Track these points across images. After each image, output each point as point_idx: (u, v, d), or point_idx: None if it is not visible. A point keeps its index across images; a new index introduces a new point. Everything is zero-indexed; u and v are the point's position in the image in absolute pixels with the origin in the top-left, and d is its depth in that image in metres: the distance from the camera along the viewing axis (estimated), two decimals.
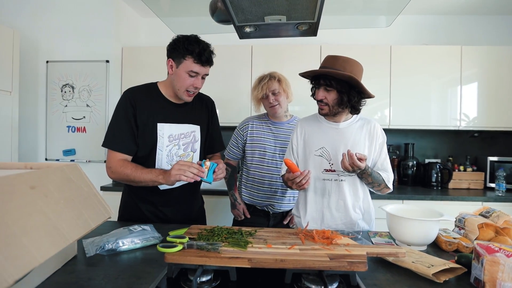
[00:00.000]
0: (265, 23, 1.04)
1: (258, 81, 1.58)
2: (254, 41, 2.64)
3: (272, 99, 1.54)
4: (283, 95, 1.57)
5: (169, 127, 1.26)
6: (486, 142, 2.77)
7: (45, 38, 2.55)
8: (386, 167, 1.27)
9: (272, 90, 1.54)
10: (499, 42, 2.71)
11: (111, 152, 1.22)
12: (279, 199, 1.62)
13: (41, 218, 0.61)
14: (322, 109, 1.25)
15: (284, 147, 1.59)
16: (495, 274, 0.70)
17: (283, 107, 1.58)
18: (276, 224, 1.65)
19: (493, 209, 1.11)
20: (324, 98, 1.22)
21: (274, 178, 1.61)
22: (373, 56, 2.45)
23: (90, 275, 0.79)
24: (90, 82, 2.52)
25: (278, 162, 1.61)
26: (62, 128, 2.55)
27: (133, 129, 1.23)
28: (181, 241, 0.82)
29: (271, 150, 1.61)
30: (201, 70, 1.21)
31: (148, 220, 1.29)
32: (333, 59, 1.20)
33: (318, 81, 1.22)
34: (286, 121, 1.64)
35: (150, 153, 1.25)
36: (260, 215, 1.66)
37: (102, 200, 0.85)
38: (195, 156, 1.35)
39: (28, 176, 0.66)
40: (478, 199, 2.20)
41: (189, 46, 1.17)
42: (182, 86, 1.22)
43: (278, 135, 1.62)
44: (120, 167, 1.18)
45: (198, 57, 1.17)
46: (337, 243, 0.87)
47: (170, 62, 1.23)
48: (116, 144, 1.22)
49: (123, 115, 1.23)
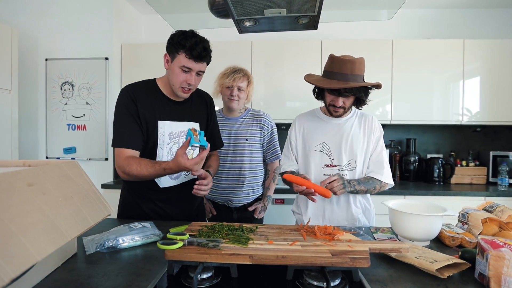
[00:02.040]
0: (265, 16, 1.02)
1: (232, 71, 1.61)
2: (254, 37, 2.61)
3: (235, 93, 1.58)
4: (245, 94, 1.63)
5: (169, 124, 1.25)
6: (489, 137, 2.75)
7: (44, 35, 2.54)
8: (380, 160, 1.26)
9: (239, 86, 1.58)
10: (501, 35, 2.67)
11: (118, 150, 1.17)
12: (237, 193, 1.64)
13: (39, 216, 0.61)
14: (337, 111, 1.25)
15: (242, 142, 1.62)
16: (500, 269, 0.69)
17: (240, 104, 1.63)
18: (240, 216, 1.67)
19: (497, 204, 1.10)
20: (343, 104, 1.23)
21: (230, 174, 1.64)
22: (374, 51, 2.42)
23: (90, 273, 0.79)
24: (90, 79, 2.51)
25: (234, 158, 1.64)
26: (62, 126, 2.54)
27: (138, 124, 1.19)
28: (181, 238, 0.81)
29: (227, 148, 1.63)
30: (194, 66, 1.16)
31: (148, 217, 1.29)
32: (340, 62, 1.18)
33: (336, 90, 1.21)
34: (240, 116, 1.68)
35: (151, 151, 1.24)
36: (223, 209, 1.69)
37: (101, 197, 0.84)
38: (194, 154, 1.34)
39: (25, 174, 0.65)
40: (481, 194, 2.18)
41: (183, 40, 1.13)
42: (176, 82, 1.20)
43: (231, 131, 1.65)
44: (128, 166, 1.13)
45: (190, 52, 1.13)
46: (339, 239, 0.86)
47: (166, 57, 1.21)
48: (123, 142, 1.18)
49: (126, 111, 1.19)
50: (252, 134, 1.63)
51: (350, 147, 1.24)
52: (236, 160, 1.63)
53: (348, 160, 1.24)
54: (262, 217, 1.73)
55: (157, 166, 1.12)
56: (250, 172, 1.65)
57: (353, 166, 1.24)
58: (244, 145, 1.62)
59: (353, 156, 1.24)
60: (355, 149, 1.24)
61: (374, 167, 1.25)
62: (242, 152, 1.62)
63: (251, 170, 1.65)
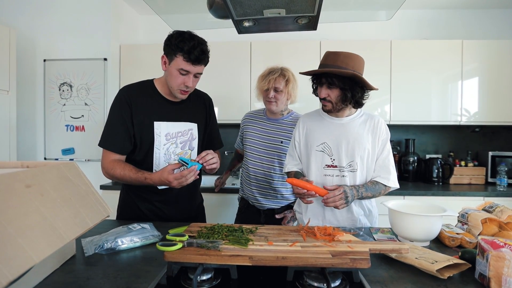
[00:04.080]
0: (264, 17, 1.02)
1: (268, 73, 1.56)
2: (253, 37, 2.61)
3: (271, 95, 1.53)
4: (285, 95, 1.55)
5: (166, 125, 1.25)
6: (487, 137, 2.75)
7: (42, 36, 2.52)
8: (387, 164, 1.24)
9: (276, 87, 1.52)
10: (500, 36, 2.68)
11: (104, 152, 1.23)
12: (264, 195, 1.61)
13: (37, 218, 0.60)
14: (326, 105, 1.24)
15: (276, 144, 1.59)
16: (501, 270, 0.69)
17: (279, 106, 1.57)
18: (267, 221, 1.60)
19: (496, 204, 1.10)
20: (327, 96, 1.21)
21: (259, 174, 1.60)
22: (373, 51, 2.42)
23: (89, 275, 0.78)
24: (88, 80, 2.50)
25: (264, 158, 1.60)
26: (61, 127, 2.53)
27: (128, 128, 1.21)
28: (181, 239, 0.81)
29: (260, 146, 1.61)
30: (192, 69, 1.16)
31: (146, 219, 1.28)
32: (334, 55, 1.17)
33: (320, 79, 1.21)
34: (281, 118, 1.63)
35: (147, 152, 1.24)
36: (253, 210, 1.66)
37: (100, 198, 0.84)
38: (192, 154, 1.34)
39: (23, 175, 0.65)
40: (480, 194, 2.19)
41: (180, 43, 1.13)
42: (174, 84, 1.20)
43: (270, 131, 1.61)
44: (111, 169, 1.19)
45: (188, 55, 1.13)
46: (339, 240, 0.86)
47: (164, 59, 1.21)
48: (108, 143, 1.22)
49: (117, 115, 1.22)
50: (289, 138, 1.54)
51: (352, 148, 1.22)
52: (267, 161, 1.59)
53: (349, 161, 1.23)
54: None
55: (140, 175, 1.17)
56: (280, 176, 1.59)
57: (354, 168, 1.22)
58: (278, 147, 1.58)
59: (354, 158, 1.22)
60: (358, 150, 1.22)
61: (380, 172, 1.24)
62: (274, 154, 1.58)
63: (281, 174, 1.58)
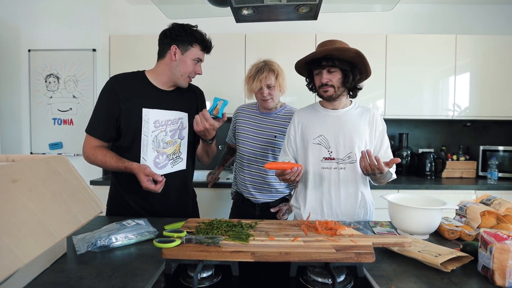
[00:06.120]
0: (264, 4, 0.98)
1: (255, 72, 1.51)
2: (248, 29, 2.56)
3: (266, 93, 1.50)
4: (277, 88, 1.53)
5: (155, 112, 1.25)
6: (478, 132, 2.80)
7: (26, 25, 2.40)
8: (389, 155, 1.24)
9: (267, 84, 1.49)
10: (493, 31, 2.71)
11: (87, 137, 1.26)
12: (258, 189, 1.59)
13: (24, 215, 0.56)
14: (327, 91, 1.20)
15: (269, 138, 1.56)
16: (505, 262, 0.68)
17: (275, 100, 1.55)
18: (262, 214, 1.59)
19: (494, 197, 1.11)
20: (328, 80, 1.18)
21: (253, 168, 1.58)
22: (368, 45, 2.41)
23: (81, 274, 0.74)
24: (76, 72, 2.40)
25: (258, 152, 1.57)
26: (48, 120, 2.43)
27: (112, 116, 1.22)
28: (179, 235, 0.78)
29: (253, 141, 1.58)
30: (203, 57, 1.30)
31: (135, 213, 1.25)
32: (330, 41, 1.18)
33: (319, 64, 1.18)
34: (274, 112, 1.61)
35: (134, 138, 1.23)
36: (248, 204, 1.63)
37: (92, 193, 0.79)
38: (182, 144, 1.32)
39: (9, 169, 0.60)
40: (471, 188, 2.22)
41: (196, 33, 1.24)
42: (186, 72, 1.26)
43: (264, 126, 1.59)
44: (93, 155, 1.23)
45: (204, 45, 1.26)
46: (341, 234, 0.84)
47: (174, 49, 1.23)
48: (92, 130, 1.24)
49: (103, 102, 1.24)
50: (283, 132, 1.53)
51: (350, 139, 1.21)
52: (260, 156, 1.57)
53: (348, 153, 1.21)
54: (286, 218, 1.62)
55: (121, 164, 1.19)
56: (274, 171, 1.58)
57: (353, 159, 1.21)
58: (272, 141, 1.56)
59: (353, 149, 1.21)
60: (355, 141, 1.21)
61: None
62: (268, 149, 1.56)
63: None
